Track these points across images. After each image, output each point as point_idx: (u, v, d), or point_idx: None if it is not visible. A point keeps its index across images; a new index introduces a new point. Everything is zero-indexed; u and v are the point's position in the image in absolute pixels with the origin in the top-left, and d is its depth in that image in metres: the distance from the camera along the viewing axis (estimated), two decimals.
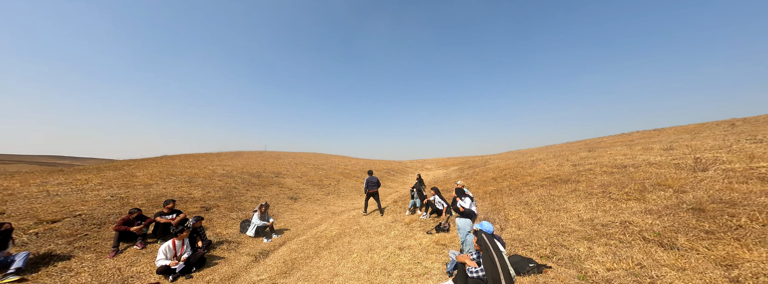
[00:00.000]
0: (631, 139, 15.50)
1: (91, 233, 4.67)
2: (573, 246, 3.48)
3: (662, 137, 13.50)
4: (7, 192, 5.90)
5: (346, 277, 3.67)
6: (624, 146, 10.63)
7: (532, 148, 24.97)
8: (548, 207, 5.33)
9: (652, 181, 5.20)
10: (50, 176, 7.74)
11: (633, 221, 3.71)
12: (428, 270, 3.59)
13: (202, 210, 6.76)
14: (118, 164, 10.82)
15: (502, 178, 9.51)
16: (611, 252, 3.11)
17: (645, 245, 3.12)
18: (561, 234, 3.90)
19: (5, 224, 3.74)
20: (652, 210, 3.95)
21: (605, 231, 3.64)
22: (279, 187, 10.67)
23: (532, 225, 4.67)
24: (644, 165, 6.59)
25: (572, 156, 10.32)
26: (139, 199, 6.48)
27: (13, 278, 3.33)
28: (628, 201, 4.65)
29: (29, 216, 4.76)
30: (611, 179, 6.05)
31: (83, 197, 6.06)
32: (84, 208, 5.43)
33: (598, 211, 4.52)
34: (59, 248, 4.11)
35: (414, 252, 4.31)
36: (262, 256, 4.87)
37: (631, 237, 3.34)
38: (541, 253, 3.50)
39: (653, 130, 19.36)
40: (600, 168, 7.25)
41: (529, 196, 6.38)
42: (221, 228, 6.02)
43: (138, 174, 8.71)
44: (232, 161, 14.35)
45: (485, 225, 3.08)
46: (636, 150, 8.74)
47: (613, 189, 5.27)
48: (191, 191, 7.83)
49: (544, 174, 8.27)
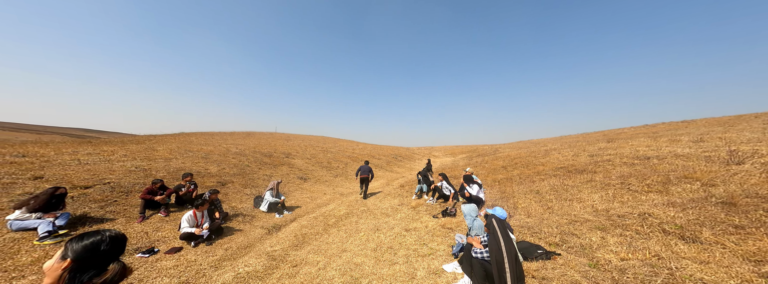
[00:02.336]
0: (656, 131, 14.58)
1: (120, 199, 5.00)
2: (585, 235, 3.41)
3: (691, 129, 12.59)
4: (43, 158, 6.33)
5: (353, 253, 3.80)
6: (647, 137, 10.00)
7: (546, 138, 24.11)
8: (560, 197, 5.20)
9: (677, 173, 4.89)
10: (80, 146, 8.21)
11: (653, 213, 3.54)
12: (433, 251, 3.65)
13: (218, 184, 7.08)
14: (139, 138, 11.34)
15: (512, 167, 9.31)
16: (626, 243, 3.02)
17: (664, 237, 2.99)
18: (573, 224, 3.81)
19: (61, 188, 4.09)
20: (676, 202, 3.75)
21: (621, 222, 3.51)
22: (289, 167, 10.96)
23: (542, 214, 4.60)
24: (670, 157, 6.19)
25: (589, 146, 9.86)
26: (161, 172, 6.82)
27: (63, 232, 3.74)
28: (649, 193, 4.43)
29: (65, 182, 5.12)
30: (631, 170, 5.76)
31: (110, 167, 6.44)
32: (112, 177, 5.79)
33: (614, 202, 4.35)
34: (93, 211, 4.46)
35: (420, 234, 4.39)
36: (275, 230, 5.12)
37: (649, 229, 3.21)
38: (551, 241, 3.45)
39: (681, 121, 18.06)
40: (619, 159, 6.90)
41: (540, 185, 6.23)
42: (236, 203, 6.32)
43: (158, 148, 9.11)
44: (244, 140, 14.74)
45: (498, 211, 3.03)
46: (661, 142, 8.20)
47: (633, 180, 5.02)
48: (207, 167, 8.16)
49: (558, 163, 7.99)
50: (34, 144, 8.17)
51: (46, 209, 3.85)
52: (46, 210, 3.86)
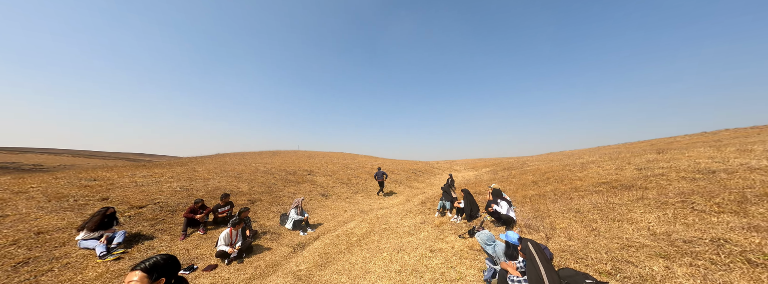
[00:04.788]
0: (718, 139, 12.65)
1: (167, 218, 5.52)
2: (643, 263, 2.93)
3: (765, 136, 10.73)
4: (109, 182, 7.32)
5: (377, 275, 3.67)
6: (709, 147, 8.70)
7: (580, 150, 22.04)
8: (606, 217, 4.61)
9: (756, 191, 4.13)
10: (136, 169, 9.39)
11: (730, 238, 2.97)
12: (463, 276, 3.38)
13: (249, 202, 7.50)
14: (183, 161, 12.66)
15: (544, 182, 8.57)
16: (700, 275, 2.53)
17: (751, 270, 2.46)
18: (626, 249, 3.32)
19: (110, 208, 4.65)
20: (759, 226, 3.12)
21: (689, 249, 2.98)
22: (312, 184, 11.28)
23: (586, 236, 4.09)
24: (742, 170, 5.29)
25: (635, 158, 8.80)
26: (200, 191, 7.46)
27: (120, 250, 4.17)
28: (721, 213, 3.76)
29: (124, 202, 5.83)
30: (693, 186, 4.99)
31: (160, 188, 7.22)
32: (161, 197, 6.46)
33: (676, 224, 3.75)
34: (145, 229, 4.95)
35: (446, 256, 4.12)
36: (300, 248, 5.18)
37: (728, 259, 2.68)
38: (600, 268, 3.02)
39: (751, 127, 15.53)
40: (676, 173, 6.04)
41: (579, 203, 5.61)
42: (264, 220, 6.58)
43: (198, 169, 10.06)
44: (271, 159, 15.66)
45: (510, 236, 2.79)
46: (727, 153, 7.08)
47: (698, 198, 4.32)
48: (239, 185, 8.74)
49: (599, 178, 7.21)
50: (102, 168, 9.50)
51: (102, 227, 4.34)
52: (104, 228, 4.35)
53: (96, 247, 4.04)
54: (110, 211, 4.58)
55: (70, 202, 5.54)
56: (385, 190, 12.93)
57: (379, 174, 11.32)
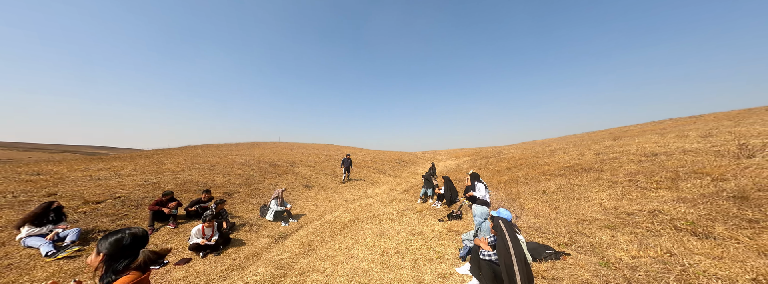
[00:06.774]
0: (663, 127, 14.33)
1: (130, 213, 5.11)
2: (594, 234, 3.35)
3: (700, 124, 12.35)
4: (57, 176, 6.54)
5: (360, 259, 3.79)
6: (655, 134, 9.84)
7: (550, 138, 23.80)
8: (567, 196, 5.13)
9: (686, 169, 4.81)
10: (91, 163, 8.47)
11: (663, 209, 3.48)
12: (441, 255, 3.62)
13: (225, 195, 7.18)
14: (147, 153, 11.62)
15: (517, 168, 9.22)
16: (637, 241, 2.96)
17: (676, 234, 2.93)
18: (581, 223, 3.76)
19: (55, 202, 4.20)
20: (686, 198, 3.68)
21: (631, 220, 3.45)
22: (294, 176, 11.04)
23: (549, 214, 4.53)
24: (678, 152, 6.09)
25: (595, 145, 9.73)
26: (169, 185, 6.97)
27: (74, 248, 3.78)
28: (659, 189, 4.35)
29: (77, 197, 5.28)
30: (639, 167, 5.67)
31: (121, 181, 6.61)
32: (122, 191, 5.94)
33: (623, 200, 4.28)
34: (104, 225, 4.56)
35: (426, 238, 4.35)
36: (281, 238, 5.13)
37: (660, 226, 3.15)
38: (559, 241, 3.40)
39: (689, 117, 17.74)
40: (626, 156, 6.80)
41: (546, 185, 6.15)
42: (243, 213, 6.38)
43: (166, 161, 9.33)
44: (249, 151, 14.95)
45: (503, 212, 3.02)
46: (669, 138, 8.07)
47: (642, 177, 4.94)
48: (214, 178, 8.29)
49: (564, 163, 7.90)
50: (48, 162, 8.45)
51: (46, 222, 3.91)
52: (45, 224, 3.92)
53: (40, 246, 3.61)
54: (55, 205, 4.14)
55: (8, 199, 4.90)
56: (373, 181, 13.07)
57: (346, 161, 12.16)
